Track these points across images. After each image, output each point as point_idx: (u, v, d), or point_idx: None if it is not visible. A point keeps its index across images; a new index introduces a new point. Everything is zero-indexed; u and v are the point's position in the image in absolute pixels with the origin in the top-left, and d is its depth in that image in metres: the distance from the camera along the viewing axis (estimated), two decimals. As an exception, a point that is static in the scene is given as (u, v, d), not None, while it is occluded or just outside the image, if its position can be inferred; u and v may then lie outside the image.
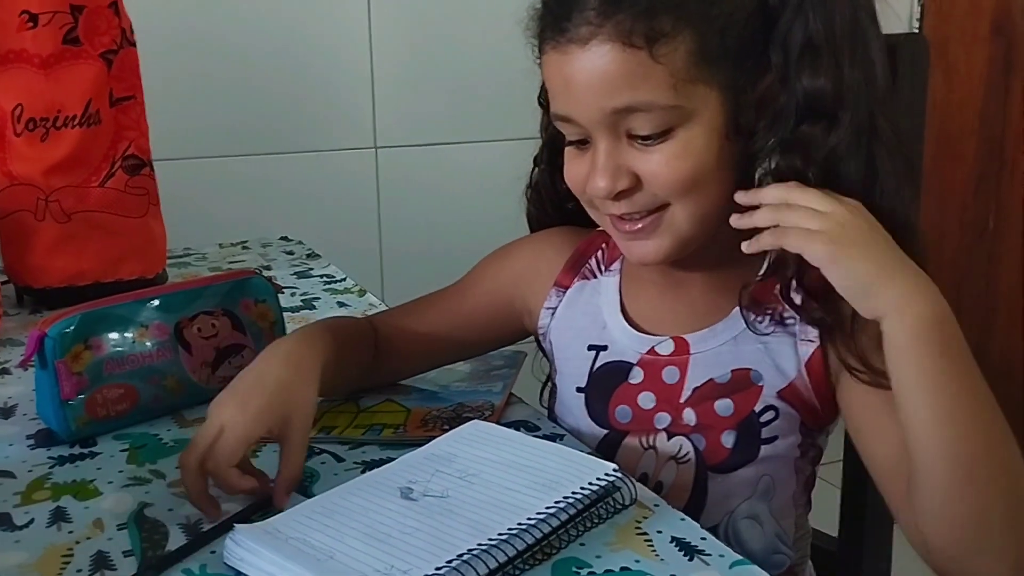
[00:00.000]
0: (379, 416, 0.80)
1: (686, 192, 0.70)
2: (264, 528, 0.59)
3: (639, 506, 0.65)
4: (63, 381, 0.75)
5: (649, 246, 0.73)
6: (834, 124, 0.68)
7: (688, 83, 0.67)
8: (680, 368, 0.77)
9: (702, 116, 0.68)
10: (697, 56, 0.67)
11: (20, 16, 1.04)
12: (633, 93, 0.67)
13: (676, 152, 0.69)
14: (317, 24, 1.70)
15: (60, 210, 1.09)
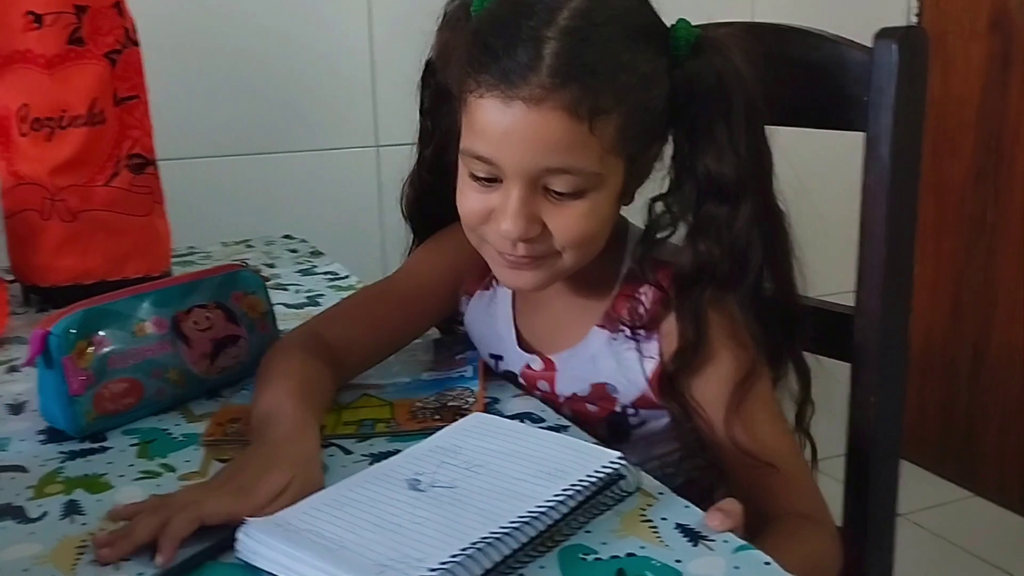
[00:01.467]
0: (364, 411, 0.81)
1: (584, 246, 0.77)
2: (275, 521, 0.60)
3: (643, 494, 0.66)
4: (71, 377, 0.75)
5: (527, 277, 0.79)
6: (735, 209, 0.76)
7: (611, 155, 0.74)
8: (549, 382, 0.86)
9: (610, 183, 0.75)
10: (622, 133, 0.73)
11: (25, 17, 1.05)
12: (568, 157, 0.72)
13: (585, 211, 0.75)
14: (318, 24, 1.71)
15: (66, 209, 1.09)
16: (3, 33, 1.06)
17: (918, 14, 2.21)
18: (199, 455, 0.74)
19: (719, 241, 0.76)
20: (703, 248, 0.77)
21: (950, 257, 2.18)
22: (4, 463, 0.73)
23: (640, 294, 0.82)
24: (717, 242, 0.76)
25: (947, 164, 2.18)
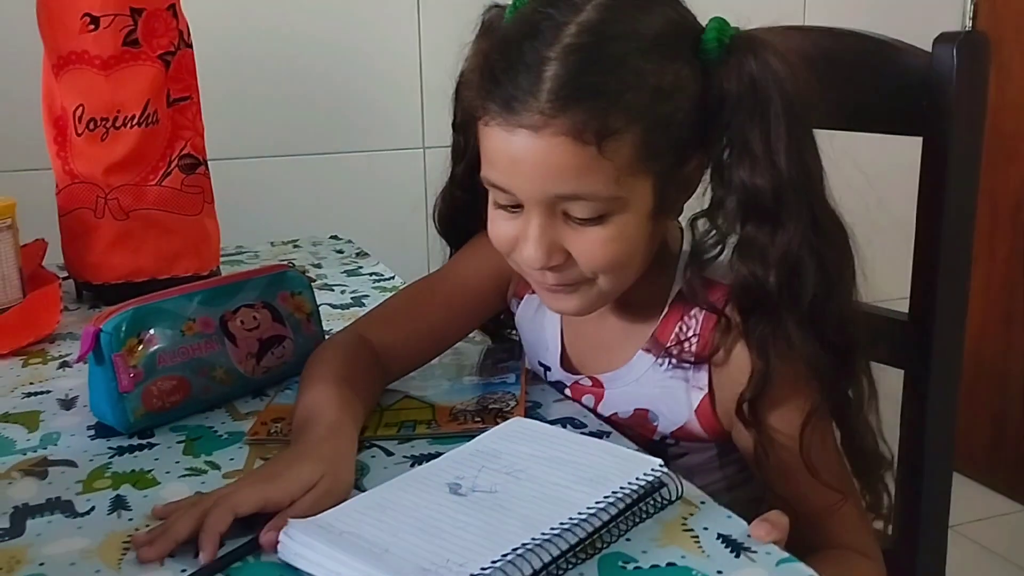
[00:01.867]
0: (405, 413, 0.81)
1: (614, 271, 0.74)
2: (317, 523, 0.60)
3: (685, 503, 0.65)
4: (121, 374, 0.77)
5: (567, 302, 0.78)
6: (779, 225, 0.71)
7: (629, 176, 0.70)
8: (596, 398, 0.84)
9: (636, 204, 0.71)
10: (641, 151, 0.69)
11: (82, 19, 1.07)
12: (578, 184, 0.69)
13: (609, 236, 0.71)
14: (368, 27, 1.72)
15: (119, 208, 1.11)
16: (61, 35, 1.09)
17: (973, 18, 2.16)
18: (243, 453, 0.75)
19: (763, 262, 0.71)
20: (745, 271, 0.72)
21: (1004, 265, 2.13)
22: (55, 457, 0.74)
23: (690, 317, 0.78)
24: (761, 263, 0.71)
25: (1002, 170, 2.13)
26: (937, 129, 0.83)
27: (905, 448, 0.90)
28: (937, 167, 0.84)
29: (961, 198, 0.85)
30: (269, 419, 0.80)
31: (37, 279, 1.12)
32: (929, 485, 0.89)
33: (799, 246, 0.71)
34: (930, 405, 0.87)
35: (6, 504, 0.67)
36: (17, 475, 0.71)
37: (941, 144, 0.83)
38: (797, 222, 0.71)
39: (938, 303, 0.86)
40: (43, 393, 0.87)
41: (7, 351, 0.97)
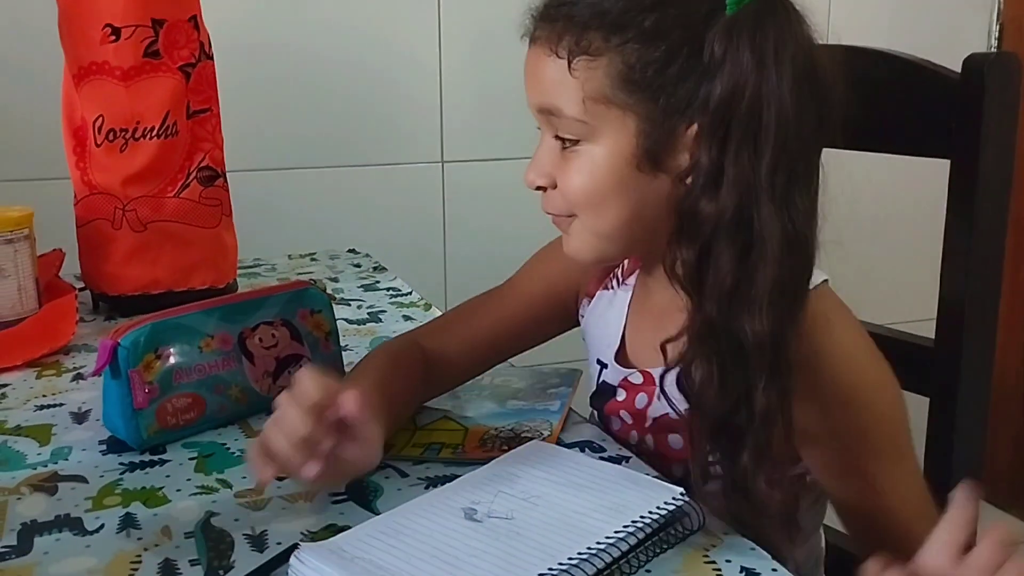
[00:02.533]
0: (437, 435, 0.80)
1: (583, 206, 0.73)
2: (328, 547, 0.59)
3: (706, 533, 0.63)
4: (136, 390, 0.76)
5: (569, 243, 0.76)
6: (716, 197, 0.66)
7: (599, 103, 0.69)
8: (648, 396, 0.80)
9: (609, 138, 0.70)
10: (615, 80, 0.68)
11: (103, 30, 1.07)
12: (550, 97, 0.71)
13: (579, 165, 0.72)
14: (387, 41, 1.72)
15: (136, 219, 1.11)
16: (82, 45, 1.08)
17: (998, 38, 2.14)
18: (256, 472, 0.73)
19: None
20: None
21: (1029, 288, 2.10)
22: (65, 472, 0.73)
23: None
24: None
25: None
26: (966, 151, 0.81)
27: (930, 477, 0.88)
28: (966, 189, 0.82)
29: (990, 221, 0.83)
30: None
31: (53, 289, 1.11)
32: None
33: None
34: (957, 435, 0.85)
35: (14, 520, 0.66)
36: (26, 490, 0.70)
37: (970, 166, 0.81)
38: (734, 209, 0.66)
39: (965, 329, 0.84)
40: (56, 406, 0.87)
41: (22, 362, 0.96)
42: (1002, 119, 0.80)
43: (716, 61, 0.66)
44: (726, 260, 0.66)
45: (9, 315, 1.03)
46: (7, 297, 1.04)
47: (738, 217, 0.66)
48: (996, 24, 2.14)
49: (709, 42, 0.66)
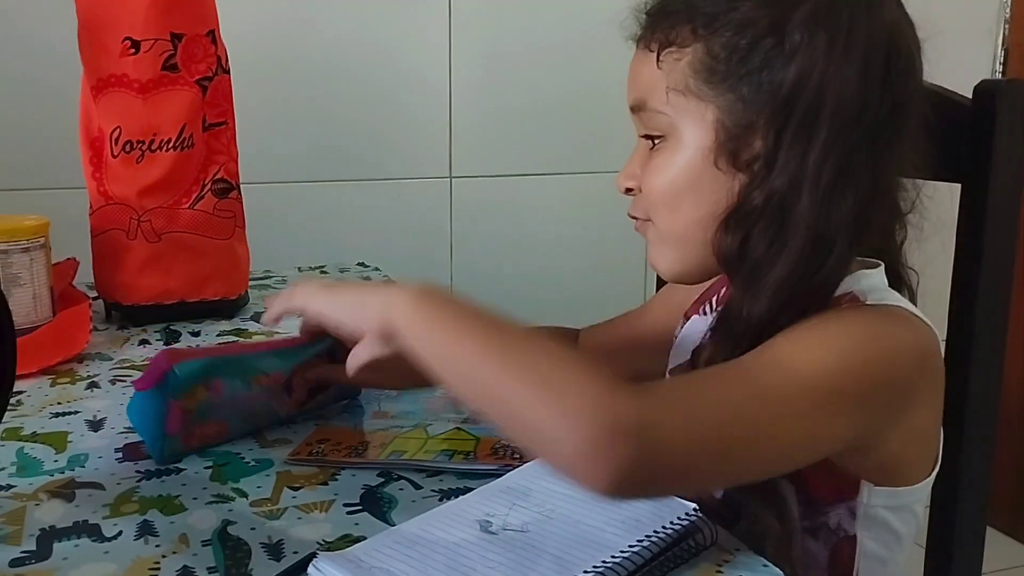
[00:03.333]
0: (449, 443, 0.81)
1: (658, 205, 0.73)
2: (346, 556, 0.59)
3: (719, 550, 0.64)
4: (172, 417, 0.75)
5: (651, 253, 0.76)
6: (763, 187, 0.67)
7: (681, 95, 0.70)
8: None
9: (689, 132, 0.70)
10: (698, 71, 0.69)
11: (123, 42, 1.08)
12: (639, 91, 0.73)
13: (659, 163, 0.73)
14: (398, 57, 1.74)
15: (151, 230, 1.12)
16: (101, 57, 1.10)
17: (1003, 63, 2.16)
18: (271, 481, 0.74)
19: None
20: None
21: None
22: (82, 479, 0.74)
23: None
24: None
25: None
26: (976, 176, 0.83)
27: (937, 497, 0.89)
28: (976, 213, 0.84)
29: (1000, 245, 0.84)
30: (315, 440, 0.81)
31: (67, 298, 1.12)
32: (962, 539, 0.88)
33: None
34: (964, 457, 0.86)
35: (33, 526, 0.66)
36: (44, 497, 0.71)
37: (981, 190, 0.83)
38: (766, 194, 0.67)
39: (974, 352, 0.85)
40: (71, 414, 0.87)
41: (36, 369, 0.97)
42: (1012, 144, 0.81)
43: (793, 48, 0.66)
44: (760, 248, 0.66)
45: (24, 323, 1.04)
46: (22, 305, 1.04)
47: (779, 205, 0.65)
48: (1001, 50, 2.15)
49: (791, 29, 0.66)
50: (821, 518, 0.72)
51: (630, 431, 0.54)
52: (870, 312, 0.69)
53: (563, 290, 1.85)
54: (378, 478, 0.74)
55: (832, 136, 0.65)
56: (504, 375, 0.57)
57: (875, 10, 0.67)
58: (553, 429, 0.55)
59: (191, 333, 1.12)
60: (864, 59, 0.66)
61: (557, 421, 0.55)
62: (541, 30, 1.77)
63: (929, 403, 0.71)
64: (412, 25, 1.74)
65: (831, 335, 0.65)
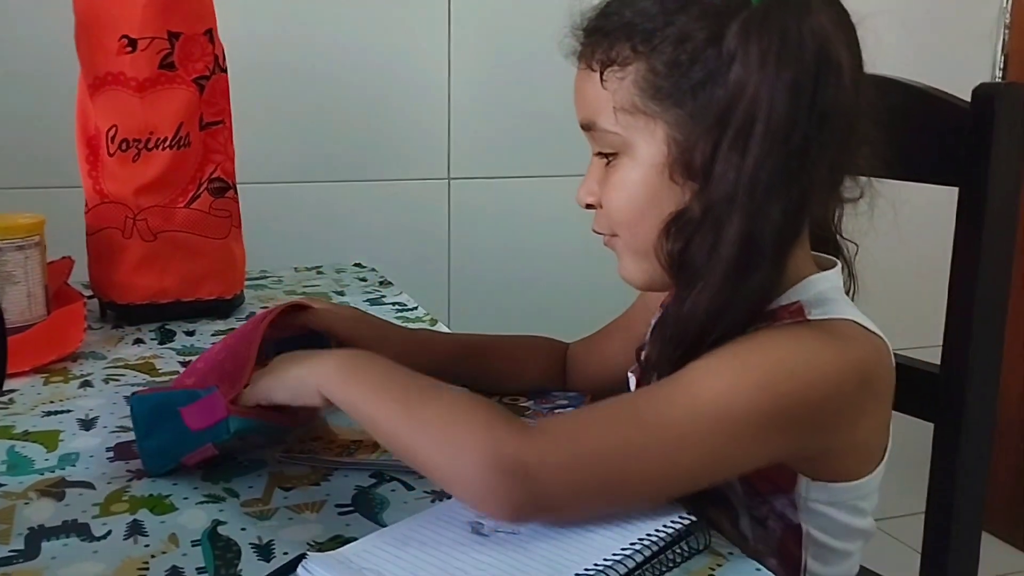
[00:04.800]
0: None
1: (621, 223, 0.73)
2: (336, 557, 0.59)
3: (712, 553, 0.63)
4: (199, 453, 0.72)
5: (621, 266, 0.77)
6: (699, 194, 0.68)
7: (628, 113, 0.70)
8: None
9: (642, 149, 0.71)
10: (643, 89, 0.69)
11: (120, 41, 1.08)
12: (586, 111, 0.73)
13: (617, 179, 0.73)
14: (397, 58, 1.73)
15: (147, 229, 1.12)
16: (98, 55, 1.09)
17: (1003, 68, 2.16)
18: (263, 481, 0.74)
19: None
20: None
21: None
22: (73, 479, 0.74)
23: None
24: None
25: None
26: (974, 179, 0.82)
27: (933, 505, 0.88)
28: (973, 218, 0.83)
29: (997, 248, 0.84)
30: (308, 438, 0.80)
31: (62, 297, 1.12)
32: (957, 545, 0.87)
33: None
34: (961, 462, 0.85)
35: (22, 525, 0.66)
36: (34, 495, 0.71)
37: (978, 194, 0.82)
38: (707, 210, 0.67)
39: (971, 356, 0.85)
40: (64, 412, 0.87)
41: (30, 368, 0.97)
42: (1011, 148, 0.81)
43: (730, 59, 0.65)
44: (699, 256, 0.67)
45: (18, 321, 1.04)
46: (16, 303, 1.04)
47: (715, 216, 0.66)
48: (1001, 55, 2.15)
49: (728, 41, 0.66)
50: (765, 506, 0.74)
51: (514, 470, 0.60)
52: (805, 332, 0.68)
53: (561, 291, 1.85)
54: (370, 479, 0.74)
55: (764, 150, 0.65)
56: (410, 428, 0.65)
57: (806, 18, 0.66)
58: (451, 471, 0.63)
59: (186, 333, 1.12)
60: (794, 74, 0.65)
61: (452, 464, 0.62)
62: (539, 31, 1.76)
63: (871, 415, 0.71)
64: (411, 26, 1.73)
65: (745, 365, 0.65)
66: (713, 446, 0.63)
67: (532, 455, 0.60)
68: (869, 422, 0.70)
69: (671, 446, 0.62)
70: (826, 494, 0.71)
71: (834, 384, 0.66)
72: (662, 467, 0.63)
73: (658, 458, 0.62)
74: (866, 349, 0.69)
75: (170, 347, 1.07)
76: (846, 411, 0.68)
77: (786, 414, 0.64)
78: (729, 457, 0.65)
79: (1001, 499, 2.16)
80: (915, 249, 0.92)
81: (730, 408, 0.63)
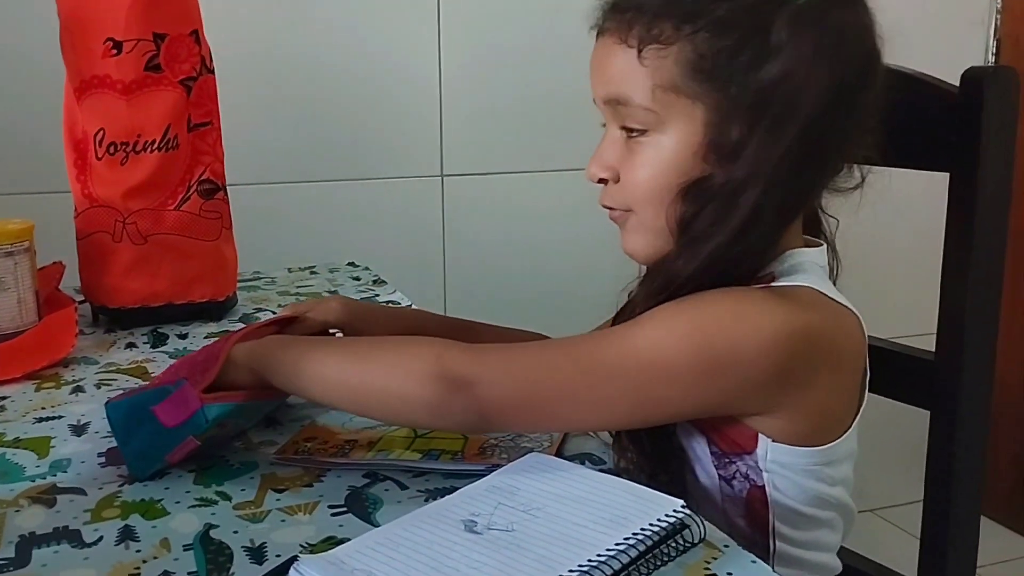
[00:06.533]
0: (436, 442, 0.80)
1: (644, 200, 0.74)
2: (328, 559, 0.58)
3: (708, 546, 0.63)
4: (180, 450, 0.72)
5: (628, 240, 0.78)
6: (726, 168, 0.70)
7: (668, 92, 0.70)
8: None
9: (677, 128, 0.71)
10: (685, 69, 0.70)
11: (105, 43, 1.07)
12: (617, 86, 0.73)
13: (645, 158, 0.73)
14: (387, 56, 1.73)
15: (136, 232, 1.11)
16: (84, 59, 1.09)
17: (996, 54, 2.15)
18: (255, 483, 0.73)
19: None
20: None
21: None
22: (64, 485, 0.73)
23: None
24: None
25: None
26: (965, 165, 0.82)
27: (931, 492, 0.88)
28: (965, 202, 0.83)
29: (990, 234, 0.83)
30: (302, 439, 0.80)
31: (53, 302, 1.11)
32: (955, 530, 0.87)
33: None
34: (958, 448, 0.85)
35: (12, 533, 0.66)
36: (25, 503, 0.70)
37: (970, 179, 0.82)
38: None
39: (966, 342, 0.84)
40: (55, 418, 0.86)
41: (21, 374, 0.96)
42: (1001, 132, 0.80)
43: (776, 46, 0.67)
44: (705, 223, 0.70)
45: (9, 327, 1.03)
46: (7, 310, 1.03)
47: (733, 190, 0.69)
48: (993, 40, 2.15)
49: (777, 28, 0.67)
50: (732, 467, 0.75)
51: (459, 382, 0.67)
52: (754, 293, 0.70)
53: (556, 287, 1.85)
54: (363, 479, 0.73)
55: (798, 136, 0.68)
56: (360, 367, 0.71)
57: (853, 12, 0.69)
58: (401, 390, 0.69)
59: (178, 335, 1.11)
60: (842, 68, 0.68)
61: (403, 383, 0.69)
62: (531, 28, 1.76)
63: (825, 380, 0.72)
64: (401, 23, 1.73)
65: (684, 315, 0.69)
66: (639, 385, 0.68)
67: (474, 369, 0.68)
68: (823, 386, 0.71)
69: (599, 380, 0.68)
70: (788, 456, 0.73)
71: (770, 341, 0.67)
72: (590, 399, 0.68)
73: (585, 390, 0.68)
74: (821, 315, 0.71)
75: (163, 350, 1.06)
76: (793, 371, 0.69)
77: (715, 364, 0.67)
78: (657, 400, 0.68)
79: (1001, 485, 2.16)
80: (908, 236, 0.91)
81: (660, 352, 0.67)
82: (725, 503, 0.77)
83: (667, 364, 0.67)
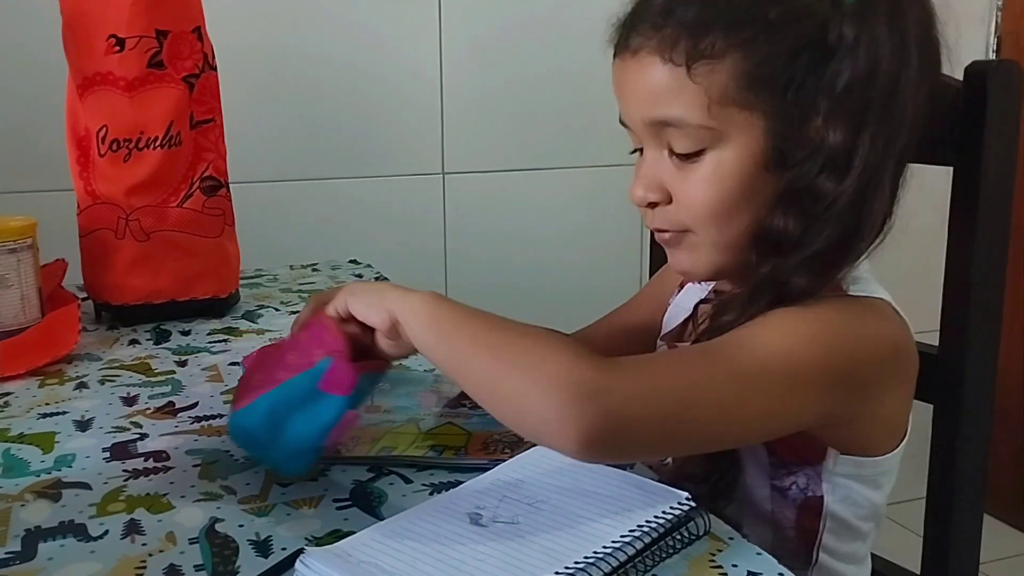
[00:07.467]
0: (440, 438, 0.80)
1: (708, 218, 0.71)
2: (334, 551, 0.59)
3: (713, 538, 0.63)
4: (339, 431, 0.68)
5: (678, 258, 0.75)
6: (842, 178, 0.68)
7: (725, 106, 0.67)
8: None
9: (737, 141, 0.68)
10: (740, 80, 0.66)
11: (108, 40, 1.07)
12: (666, 108, 0.68)
13: (706, 174, 0.69)
14: (389, 53, 1.73)
15: (140, 229, 1.11)
16: (86, 56, 1.09)
17: (996, 49, 2.15)
18: (260, 477, 0.73)
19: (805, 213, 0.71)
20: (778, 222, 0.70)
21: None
22: (69, 479, 0.73)
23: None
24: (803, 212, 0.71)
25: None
26: (969, 158, 0.82)
27: (934, 487, 0.88)
28: (969, 197, 0.83)
29: (993, 228, 0.83)
30: None
31: (56, 299, 1.11)
32: (958, 526, 0.87)
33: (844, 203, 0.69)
34: (961, 443, 0.85)
35: (18, 527, 0.66)
36: (30, 497, 0.70)
37: (973, 174, 0.82)
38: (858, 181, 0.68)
39: (969, 337, 0.84)
40: (59, 414, 0.87)
41: (24, 371, 0.96)
42: (1004, 126, 0.80)
43: (847, 44, 0.65)
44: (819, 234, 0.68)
45: (12, 324, 1.03)
46: (10, 306, 1.04)
47: (857, 199, 0.67)
48: (994, 37, 2.15)
49: (837, 24, 0.65)
50: (789, 478, 0.75)
51: (594, 396, 0.59)
52: (848, 302, 0.71)
53: (558, 284, 1.85)
54: (368, 473, 0.74)
55: (906, 133, 0.67)
56: (488, 357, 0.64)
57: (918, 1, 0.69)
58: (528, 396, 0.61)
59: (181, 332, 1.11)
60: (921, 53, 0.68)
61: (530, 388, 0.61)
62: (532, 25, 1.76)
63: (899, 392, 0.73)
64: (402, 21, 1.73)
65: (804, 322, 0.67)
66: (776, 395, 0.65)
67: (614, 384, 0.61)
68: (895, 397, 0.72)
69: (742, 387, 0.64)
70: (853, 467, 0.73)
71: (870, 352, 0.68)
72: (730, 407, 0.64)
73: (728, 395, 0.64)
74: (899, 327, 0.72)
75: (165, 347, 1.06)
76: (878, 381, 0.70)
77: (833, 372, 0.66)
78: (785, 410, 0.66)
79: (1004, 482, 2.16)
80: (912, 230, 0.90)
81: (796, 361, 0.65)
82: (775, 513, 0.76)
83: (799, 371, 0.65)
